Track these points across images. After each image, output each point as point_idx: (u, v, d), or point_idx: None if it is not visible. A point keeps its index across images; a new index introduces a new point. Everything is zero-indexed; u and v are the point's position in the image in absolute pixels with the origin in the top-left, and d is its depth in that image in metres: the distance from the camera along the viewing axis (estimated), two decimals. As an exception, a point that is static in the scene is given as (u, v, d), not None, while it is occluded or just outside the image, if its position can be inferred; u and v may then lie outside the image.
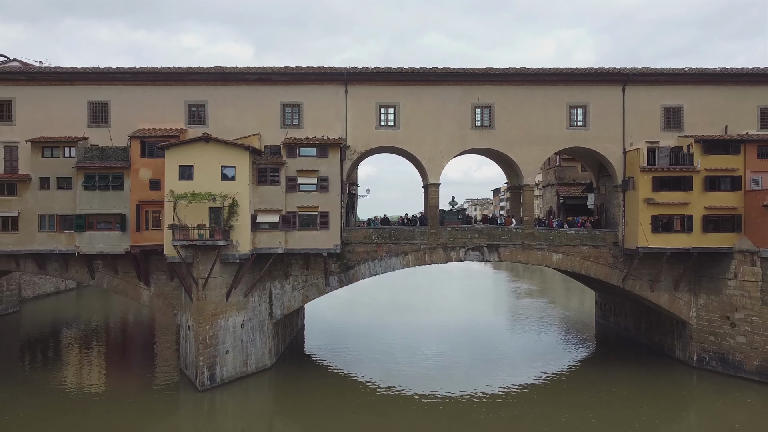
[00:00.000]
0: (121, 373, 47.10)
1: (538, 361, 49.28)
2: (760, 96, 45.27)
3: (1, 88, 44.27)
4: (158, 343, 58.28)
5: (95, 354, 53.99)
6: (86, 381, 45.06)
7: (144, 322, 68.79)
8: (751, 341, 41.24)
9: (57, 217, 43.36)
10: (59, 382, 44.39)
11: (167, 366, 48.47)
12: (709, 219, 42.54)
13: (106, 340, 59.57)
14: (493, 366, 48.14)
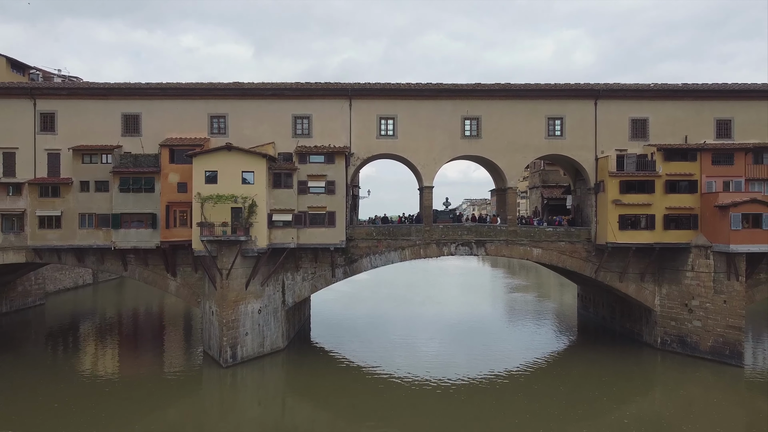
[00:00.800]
0: (148, 356, 51.00)
1: (526, 347, 52.74)
2: (717, 109, 49.35)
3: (46, 102, 48.44)
4: (177, 330, 62.16)
5: (121, 340, 57.61)
6: (118, 363, 49.00)
7: (160, 312, 72.55)
8: (705, 325, 45.66)
9: (95, 216, 47.45)
10: (93, 365, 48.38)
11: (190, 349, 52.47)
12: (669, 218, 46.70)
13: (129, 329, 63.12)
14: (485, 352, 51.12)
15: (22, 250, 48.39)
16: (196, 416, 37.78)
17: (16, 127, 48.36)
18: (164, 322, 67.33)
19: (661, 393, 42.25)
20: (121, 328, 63.25)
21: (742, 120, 49.33)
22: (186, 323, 65.91)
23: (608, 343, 53.45)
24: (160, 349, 54.27)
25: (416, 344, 53.86)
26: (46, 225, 47.48)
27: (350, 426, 35.45)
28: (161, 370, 46.99)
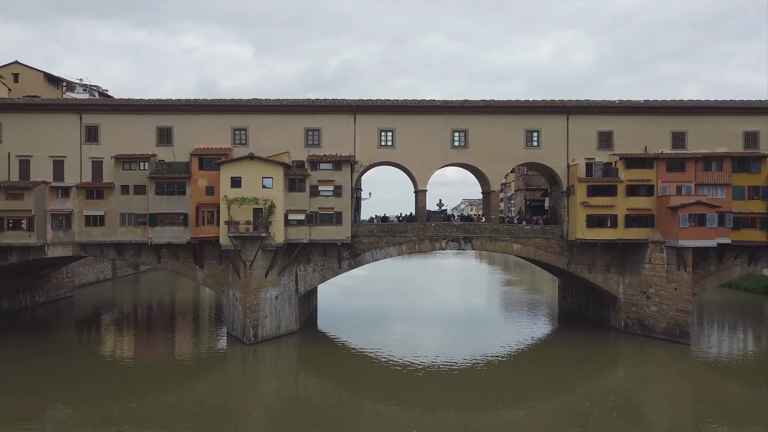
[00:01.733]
0: (175, 339, 56.89)
1: (513, 333, 57.47)
2: (673, 123, 54.99)
3: (91, 117, 54.15)
4: (198, 317, 67.78)
5: (149, 326, 63.12)
6: (149, 345, 54.47)
7: (179, 303, 77.81)
8: (659, 309, 51.50)
9: (134, 216, 53.02)
10: (126, 346, 54.04)
11: (213, 332, 58.38)
12: (630, 217, 52.31)
13: (154, 317, 68.54)
14: (476, 337, 55.43)
15: (70, 245, 54.15)
16: (222, 388, 42.33)
17: (64, 138, 53.99)
18: (185, 310, 72.59)
19: (623, 369, 47.47)
20: (148, 316, 68.53)
21: (695, 132, 54.94)
22: (205, 311, 71.50)
23: (582, 327, 58.76)
24: (185, 333, 59.86)
25: (412, 331, 58.19)
26: (92, 223, 53.11)
27: (353, 397, 39.91)
28: (189, 349, 52.67)
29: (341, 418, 35.27)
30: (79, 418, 34.67)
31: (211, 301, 78.17)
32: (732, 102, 56.43)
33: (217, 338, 55.80)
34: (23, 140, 54.05)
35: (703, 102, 56.28)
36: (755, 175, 52.96)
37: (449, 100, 56.62)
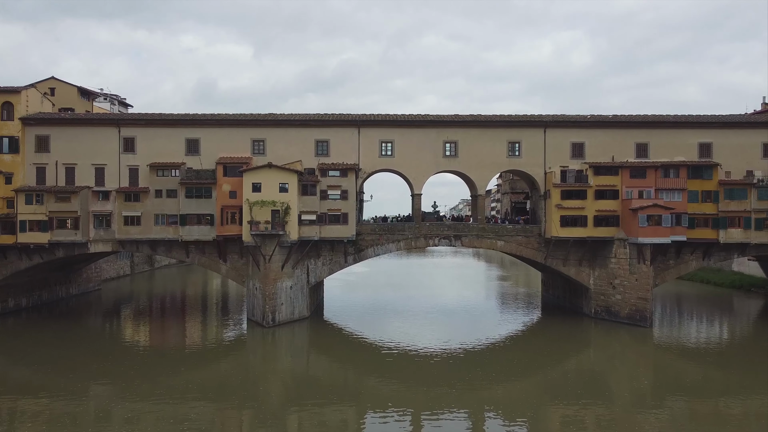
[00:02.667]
0: (199, 325, 62.78)
1: (500, 321, 62.46)
2: (636, 135, 60.88)
3: (129, 130, 60.25)
4: (217, 307, 73.37)
5: (173, 315, 68.40)
6: (175, 330, 60.28)
7: (196, 295, 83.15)
8: (623, 298, 57.53)
9: (166, 216, 58.72)
10: (155, 332, 59.63)
11: (232, 318, 64.11)
12: (598, 218, 58.24)
13: (176, 307, 73.49)
14: (467, 325, 59.57)
15: (110, 242, 60.38)
16: (243, 365, 47.22)
17: (105, 148, 60.01)
18: (202, 301, 78.21)
19: (593, 350, 52.95)
20: (171, 305, 73.78)
21: (656, 143, 60.92)
22: (220, 301, 77.05)
23: (560, 315, 64.17)
24: (206, 319, 65.54)
25: (410, 319, 62.38)
26: (129, 223, 59.17)
27: (357, 374, 44.03)
28: (212, 333, 58.49)
29: (346, 392, 40.03)
30: (116, 392, 38.82)
31: (223, 293, 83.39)
32: (689, 117, 63.03)
33: (237, 323, 61.67)
34: (69, 150, 60.08)
35: (664, 116, 62.92)
36: (708, 181, 59.02)
37: (441, 114, 62.71)
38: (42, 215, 58.36)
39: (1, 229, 58.87)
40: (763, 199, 58.83)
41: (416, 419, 35.13)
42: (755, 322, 64.78)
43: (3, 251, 59.85)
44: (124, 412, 35.60)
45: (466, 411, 36.50)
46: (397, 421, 34.81)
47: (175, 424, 33.42)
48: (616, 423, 34.73)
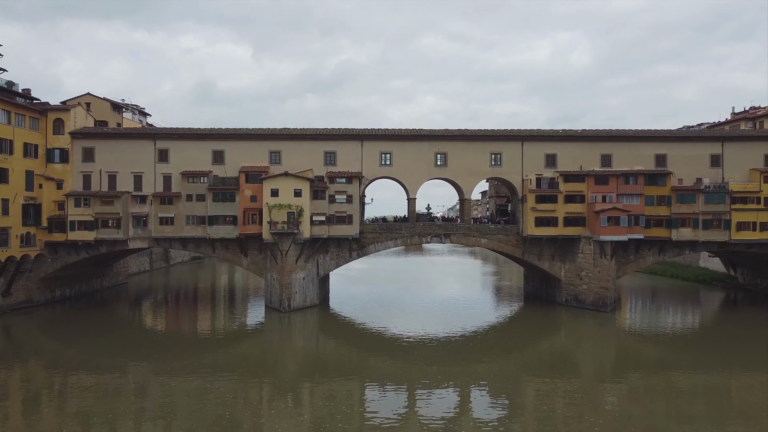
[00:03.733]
0: (220, 312, 63.79)
1: (486, 310, 63.08)
2: (601, 147, 61.83)
3: (163, 142, 61.09)
4: (231, 297, 73.74)
5: (197, 304, 68.88)
6: (199, 317, 61.60)
7: (211, 287, 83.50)
8: (588, 287, 58.72)
9: (196, 217, 59.67)
10: (183, 319, 60.70)
11: (251, 306, 64.87)
12: (567, 219, 59.18)
13: (197, 297, 74.02)
14: (457, 313, 59.94)
15: (146, 239, 61.47)
16: (262, 346, 48.32)
17: (142, 159, 60.96)
18: (219, 292, 78.46)
19: (564, 333, 53.96)
20: (193, 296, 74.06)
21: (618, 154, 61.91)
22: (235, 292, 77.89)
23: (538, 304, 64.97)
24: (226, 307, 66.26)
25: (406, 308, 63.01)
26: (164, 223, 60.18)
27: (360, 354, 45.12)
28: (233, 318, 59.40)
29: (351, 368, 41.27)
30: (152, 369, 40.13)
31: (236, 286, 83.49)
32: (647, 131, 64.21)
33: (255, 310, 62.49)
34: (111, 160, 61.07)
35: (625, 131, 64.02)
36: (662, 187, 60.07)
37: (433, 129, 63.68)
38: (89, 216, 59.34)
39: (54, 228, 59.72)
40: (709, 203, 59.89)
41: (411, 391, 36.19)
42: (709, 310, 65.78)
43: (54, 247, 60.76)
44: (160, 386, 36.66)
45: (454, 385, 37.54)
46: (395, 393, 35.94)
47: (204, 396, 34.51)
48: (582, 394, 35.92)
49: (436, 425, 30.32)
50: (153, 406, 33.05)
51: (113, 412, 31.76)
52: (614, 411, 33.20)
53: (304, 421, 31.57)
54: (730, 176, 61.93)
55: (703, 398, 35.51)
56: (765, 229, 59.72)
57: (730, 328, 54.98)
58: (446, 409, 33.08)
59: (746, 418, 32.21)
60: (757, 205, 59.82)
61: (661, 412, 32.39)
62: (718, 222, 59.86)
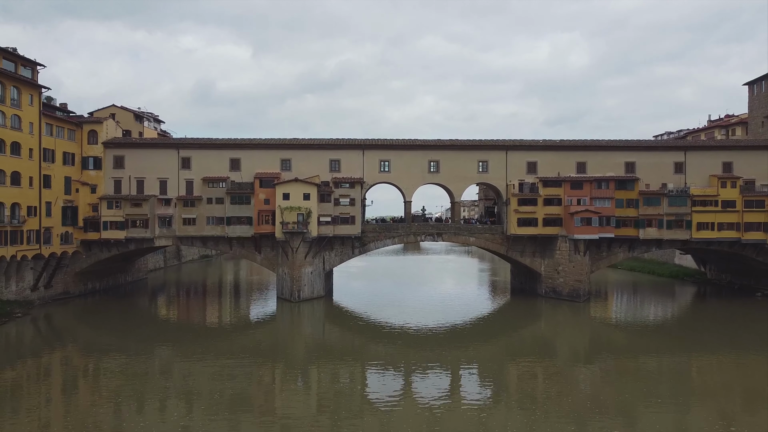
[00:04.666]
0: (235, 302, 64.05)
1: (475, 303, 62.43)
2: (577, 156, 61.78)
3: (186, 151, 61.02)
4: (243, 290, 73.25)
5: (212, 296, 69.29)
6: (219, 308, 61.75)
7: (222, 282, 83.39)
8: (565, 280, 58.69)
9: (215, 218, 59.58)
10: (202, 310, 60.90)
11: (263, 297, 64.73)
12: (546, 220, 59.19)
13: (213, 290, 73.90)
14: (450, 305, 59.33)
15: (171, 238, 61.27)
16: (275, 331, 48.66)
17: (167, 166, 60.85)
18: (231, 286, 78.02)
19: (544, 321, 53.92)
20: (210, 289, 73.47)
21: (592, 162, 61.81)
22: (246, 286, 77.77)
23: (522, 296, 64.61)
24: (241, 299, 66.12)
25: (402, 301, 62.35)
26: (187, 223, 60.17)
27: (361, 340, 45.21)
28: (248, 308, 59.33)
29: (353, 352, 41.58)
30: (175, 354, 40.59)
31: (243, 280, 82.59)
32: (618, 141, 64.28)
33: (267, 301, 62.35)
34: (139, 167, 60.98)
35: (599, 141, 64.02)
36: (631, 191, 60.09)
37: (427, 139, 63.74)
38: (120, 217, 59.42)
39: (89, 228, 59.79)
40: (672, 205, 60.04)
41: (407, 372, 36.34)
42: (677, 302, 65.53)
43: (89, 245, 60.83)
44: (182, 368, 36.82)
45: (445, 367, 37.72)
46: (392, 374, 36.06)
47: (222, 376, 34.68)
48: (559, 375, 36.21)
49: (430, 403, 30.48)
50: (176, 386, 33.23)
51: (141, 391, 32.02)
52: (587, 390, 33.43)
53: (311, 399, 31.76)
54: (691, 182, 61.96)
55: (667, 379, 35.74)
56: (722, 229, 59.82)
57: (694, 318, 55.31)
58: (439, 389, 33.21)
59: (705, 396, 32.49)
60: (715, 208, 59.90)
61: (630, 391, 32.62)
62: (681, 222, 59.91)
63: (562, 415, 28.54)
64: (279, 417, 28.61)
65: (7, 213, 50.28)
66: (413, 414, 28.79)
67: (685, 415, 29.11)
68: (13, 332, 46.30)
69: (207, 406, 29.43)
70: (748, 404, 31.30)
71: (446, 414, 28.82)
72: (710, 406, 30.55)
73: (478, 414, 29.01)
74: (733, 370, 37.39)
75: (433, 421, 27.68)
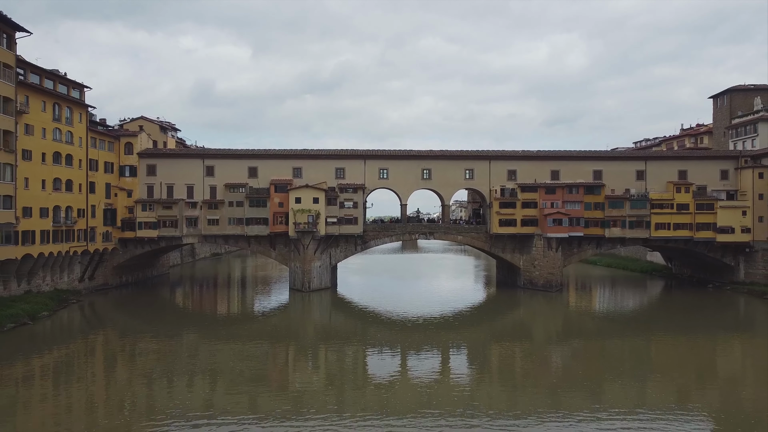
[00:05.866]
0: (252, 293, 64.12)
1: (463, 294, 62.51)
2: (551, 165, 61.71)
3: (210, 161, 61.14)
4: (257, 282, 72.86)
5: (230, 288, 68.87)
6: (238, 297, 61.62)
7: (236, 277, 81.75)
8: (540, 273, 58.67)
9: (235, 219, 59.50)
10: (224, 300, 61.15)
11: (276, 288, 64.74)
12: (524, 220, 59.22)
13: (231, 283, 72.98)
14: (441, 296, 58.67)
15: (196, 236, 61.20)
16: (287, 320, 48.46)
17: (193, 173, 60.91)
18: (245, 280, 76.90)
19: (522, 309, 53.73)
20: (228, 283, 72.92)
21: (565, 170, 61.75)
22: (260, 279, 78.15)
23: (504, 288, 63.96)
24: (256, 290, 65.85)
25: (398, 293, 62.55)
26: (211, 223, 60.20)
27: (363, 325, 45.35)
28: (264, 298, 59.46)
29: (355, 335, 41.70)
30: (201, 337, 40.35)
31: (252, 275, 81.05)
32: (587, 152, 64.70)
33: (281, 291, 62.23)
34: (169, 174, 61.05)
35: (570, 152, 64.25)
36: (597, 195, 60.08)
37: (421, 150, 63.66)
38: (153, 218, 59.56)
39: (125, 227, 60.03)
40: (634, 208, 60.29)
41: (403, 353, 36.68)
42: (643, 293, 64.91)
43: (125, 243, 61.01)
44: (207, 349, 36.96)
45: (437, 348, 37.94)
46: (390, 354, 36.52)
47: (242, 356, 34.94)
48: (534, 354, 36.62)
49: (424, 379, 30.78)
50: (202, 364, 33.39)
51: (170, 369, 32.22)
52: (559, 367, 33.78)
53: (320, 376, 32.05)
54: (651, 187, 62.12)
55: (629, 357, 36.16)
56: (677, 229, 60.16)
57: (656, 306, 55.80)
58: (431, 367, 33.54)
59: (661, 371, 32.85)
60: (671, 210, 60.21)
61: (596, 368, 33.10)
62: (641, 223, 60.18)
63: (538, 388, 28.93)
64: (292, 391, 28.90)
65: (62, 215, 51.31)
66: (409, 388, 29.11)
67: (644, 387, 29.43)
68: (67, 317, 46.68)
69: (229, 382, 29.67)
70: (697, 378, 31.79)
71: (437, 388, 29.13)
72: (665, 380, 30.93)
73: (465, 388, 29.38)
74: (686, 350, 37.78)
75: (426, 393, 27.95)
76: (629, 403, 26.46)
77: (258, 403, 26.52)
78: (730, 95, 78.92)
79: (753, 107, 74.52)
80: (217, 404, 26.23)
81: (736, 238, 59.18)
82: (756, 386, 30.17)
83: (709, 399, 28.00)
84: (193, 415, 24.38)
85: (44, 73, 50.92)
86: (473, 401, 26.76)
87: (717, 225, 59.14)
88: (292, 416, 24.37)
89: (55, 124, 50.88)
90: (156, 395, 27.88)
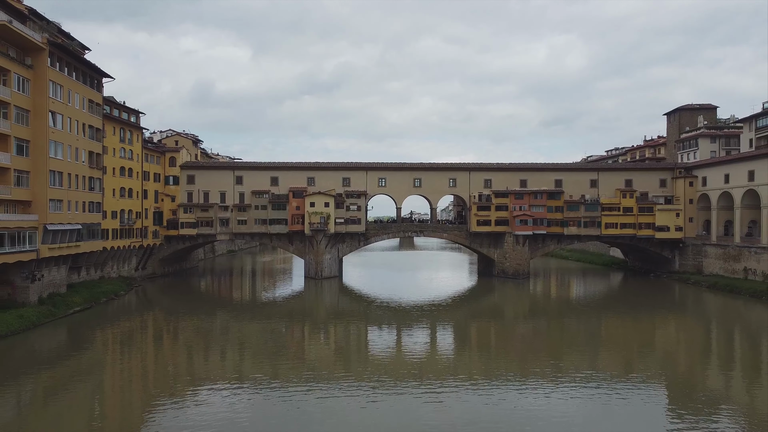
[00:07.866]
0: (270, 282, 64.11)
1: (451, 283, 61.90)
2: (521, 175, 61.41)
3: (239, 171, 60.98)
4: (275, 273, 72.35)
5: (254, 278, 68.41)
6: (261, 286, 61.11)
7: (254, 269, 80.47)
8: (511, 264, 58.60)
9: (260, 220, 59.18)
10: (249, 287, 60.85)
11: (293, 277, 64.17)
12: (497, 221, 58.60)
13: (253, 274, 72.11)
14: (431, 284, 58.36)
15: (228, 234, 60.78)
16: (302, 302, 47.81)
17: (225, 182, 60.61)
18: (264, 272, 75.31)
19: (496, 295, 52.67)
20: (251, 274, 71.75)
21: (531, 179, 61.50)
22: (277, 271, 77.46)
23: (483, 278, 62.08)
24: (275, 279, 65.13)
25: (395, 282, 61.67)
26: (240, 223, 59.83)
27: (364, 306, 44.71)
28: (282, 285, 59.00)
29: (359, 315, 41.39)
30: (230, 317, 39.50)
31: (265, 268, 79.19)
32: (550, 164, 63.72)
33: (297, 279, 61.73)
34: (205, 183, 60.71)
35: (536, 164, 63.74)
36: (558, 200, 60.12)
37: (413, 163, 63.17)
38: (192, 219, 59.48)
39: (170, 226, 59.95)
40: (588, 210, 60.41)
41: (399, 330, 36.44)
42: (599, 281, 63.66)
43: (169, 239, 60.85)
44: (237, 327, 36.61)
45: (425, 325, 37.93)
46: (388, 331, 36.28)
47: (265, 333, 34.84)
48: (505, 331, 36.68)
49: (414, 349, 30.89)
50: (232, 340, 33.24)
51: (206, 343, 32.15)
52: (526, 340, 33.76)
53: (330, 348, 32.09)
54: (602, 194, 61.97)
55: (584, 333, 36.14)
56: (623, 228, 60.36)
57: (608, 292, 55.15)
58: (422, 342, 33.58)
59: (610, 344, 32.96)
60: (618, 212, 60.34)
61: (556, 341, 33.21)
62: (594, 223, 60.28)
63: (508, 358, 29.13)
64: (307, 361, 28.84)
65: (126, 217, 53.26)
66: (403, 358, 29.15)
67: (596, 357, 29.57)
68: (134, 297, 47.58)
69: (255, 354, 29.65)
70: (639, 350, 31.88)
71: (427, 358, 29.20)
72: (613, 351, 31.08)
73: (449, 357, 29.49)
74: (630, 327, 37.91)
75: (417, 363, 27.99)
76: (584, 369, 26.56)
77: (279, 370, 26.51)
78: (679, 113, 78.95)
79: (697, 124, 74.82)
80: (244, 371, 26.25)
81: (671, 235, 59.35)
82: (686, 355, 30.42)
83: (649, 365, 28.15)
84: (225, 381, 24.39)
85: (112, 104, 52.76)
86: (456, 368, 26.81)
87: (656, 224, 59.30)
88: (308, 381, 24.41)
89: (122, 144, 53.05)
90: (194, 364, 27.97)
